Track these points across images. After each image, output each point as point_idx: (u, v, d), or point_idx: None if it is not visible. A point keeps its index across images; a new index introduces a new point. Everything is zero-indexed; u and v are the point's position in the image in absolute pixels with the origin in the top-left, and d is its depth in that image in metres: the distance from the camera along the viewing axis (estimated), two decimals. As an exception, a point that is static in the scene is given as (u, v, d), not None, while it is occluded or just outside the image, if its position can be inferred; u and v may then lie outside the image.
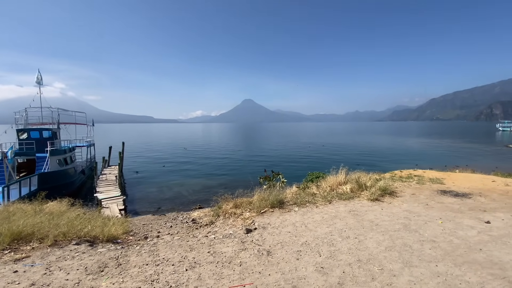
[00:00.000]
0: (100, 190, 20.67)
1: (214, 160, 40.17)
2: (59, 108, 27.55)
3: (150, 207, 20.10)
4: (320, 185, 8.38)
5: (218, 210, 6.73)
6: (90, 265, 3.92)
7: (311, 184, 10.74)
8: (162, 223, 8.90)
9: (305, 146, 58.83)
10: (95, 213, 8.77)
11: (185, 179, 28.34)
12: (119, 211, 16.40)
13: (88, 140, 33.19)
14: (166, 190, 24.56)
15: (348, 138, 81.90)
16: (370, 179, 8.71)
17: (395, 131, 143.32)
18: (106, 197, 18.55)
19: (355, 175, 9.22)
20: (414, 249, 4.41)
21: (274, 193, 6.59)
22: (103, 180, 23.79)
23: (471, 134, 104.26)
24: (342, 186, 7.89)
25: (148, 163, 38.65)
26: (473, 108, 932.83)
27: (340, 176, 8.42)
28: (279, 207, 6.31)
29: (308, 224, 5.33)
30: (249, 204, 6.51)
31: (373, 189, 7.37)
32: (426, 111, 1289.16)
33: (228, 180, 27.53)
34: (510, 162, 35.13)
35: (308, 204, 6.56)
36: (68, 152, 25.24)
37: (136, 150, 54.13)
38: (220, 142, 74.82)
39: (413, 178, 10.04)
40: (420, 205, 6.79)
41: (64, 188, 21.86)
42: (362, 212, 6.12)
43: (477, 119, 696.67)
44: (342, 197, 7.10)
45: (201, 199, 21.76)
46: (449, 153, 45.98)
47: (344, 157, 40.46)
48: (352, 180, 8.20)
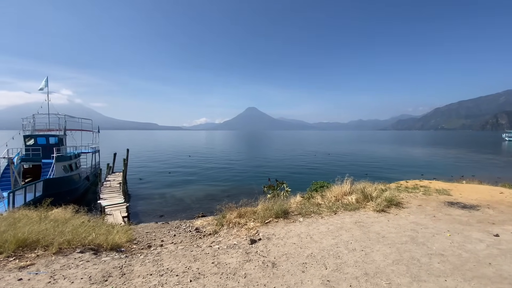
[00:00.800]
0: (103, 196, 20.73)
1: (218, 168, 40.19)
2: (66, 115, 27.96)
3: (153, 214, 20.08)
4: (325, 195, 8.31)
5: (222, 220, 6.69)
6: (94, 274, 3.90)
7: (315, 193, 10.66)
8: (165, 232, 8.86)
9: (310, 154, 58.66)
10: (99, 220, 8.78)
11: (188, 187, 28.33)
12: (122, 218, 16.42)
13: (93, 146, 33.54)
14: (169, 198, 24.56)
15: (352, 147, 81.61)
16: (375, 190, 8.62)
17: (399, 140, 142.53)
18: (109, 204, 18.59)
19: (360, 185, 9.14)
20: (422, 262, 4.31)
21: (278, 203, 6.54)
22: (107, 187, 23.89)
23: (476, 144, 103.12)
24: (347, 197, 7.81)
25: (151, 170, 38.83)
26: (478, 118, 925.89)
27: (345, 186, 8.35)
28: (283, 217, 6.26)
29: (314, 235, 5.26)
30: (253, 213, 6.47)
31: (379, 199, 7.28)
32: (430, 120, 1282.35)
33: (231, 188, 27.46)
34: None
35: (313, 215, 6.49)
36: (73, 159, 25.49)
37: (140, 157, 54.47)
38: (223, 150, 75.00)
39: (419, 188, 9.91)
40: (427, 217, 6.68)
41: (68, 194, 21.97)
42: (368, 224, 6.03)
43: (483, 129, 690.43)
44: (347, 208, 7.02)
45: (203, 207, 21.69)
46: (454, 163, 45.47)
47: (349, 166, 40.26)
48: (358, 190, 8.13)
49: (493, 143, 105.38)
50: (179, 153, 65.15)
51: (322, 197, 8.30)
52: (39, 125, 26.79)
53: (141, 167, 41.02)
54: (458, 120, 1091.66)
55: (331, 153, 60.42)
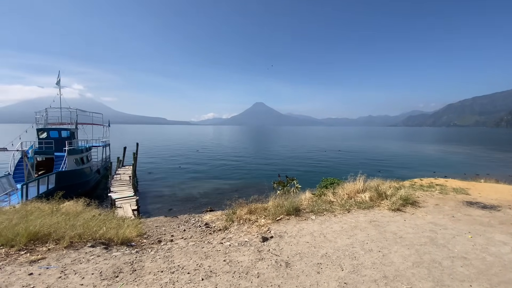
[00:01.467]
0: (114, 190, 21.03)
1: (226, 163, 40.28)
2: (78, 109, 28.37)
3: (162, 207, 20.28)
4: (337, 192, 8.08)
5: (232, 215, 6.57)
6: (105, 270, 3.84)
7: (326, 190, 10.45)
8: (175, 226, 8.83)
9: (319, 150, 58.13)
10: (109, 214, 8.82)
11: (197, 181, 28.50)
12: (132, 211, 16.59)
13: (104, 140, 34.04)
14: (177, 191, 24.76)
15: (362, 144, 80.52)
16: (390, 188, 8.35)
17: (410, 137, 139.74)
18: (119, 197, 18.82)
19: (373, 182, 8.86)
20: (444, 266, 4.09)
21: (289, 200, 6.37)
22: (117, 180, 24.22)
23: (491, 141, 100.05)
24: (360, 194, 7.57)
25: (160, 164, 39.26)
26: (493, 114, 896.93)
27: (358, 183, 8.10)
28: (295, 214, 6.09)
29: (327, 234, 5.08)
30: (264, 210, 6.32)
31: (394, 198, 7.02)
32: (442, 116, 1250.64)
33: (239, 183, 27.46)
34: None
35: (325, 213, 6.30)
36: (84, 152, 25.91)
37: (149, 152, 55.14)
38: (231, 145, 75.15)
39: (435, 187, 9.55)
40: (445, 217, 6.39)
41: (80, 187, 22.40)
42: (384, 223, 5.80)
43: (497, 126, 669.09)
44: (361, 206, 6.79)
45: (212, 201, 21.77)
46: (467, 160, 44.22)
47: (359, 163, 39.73)
48: (371, 188, 7.87)
49: (508, 141, 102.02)
50: (187, 147, 65.65)
51: (334, 194, 8.07)
52: (52, 118, 27.30)
53: (150, 161, 41.53)
54: (472, 117, 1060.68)
55: (341, 150, 59.75)
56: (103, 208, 9.96)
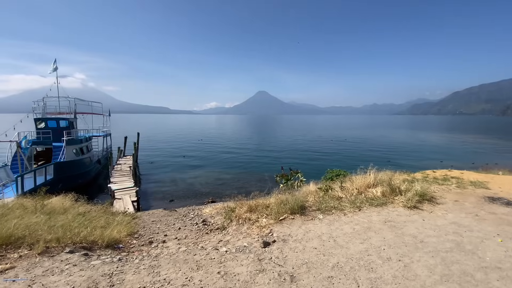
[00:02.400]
0: (114, 180, 20.64)
1: (228, 152, 39.76)
2: (76, 98, 27.74)
3: (163, 198, 19.91)
4: (346, 187, 7.42)
5: (231, 214, 5.97)
6: (78, 284, 3.28)
7: (332, 183, 9.83)
8: (171, 222, 8.31)
9: (323, 140, 57.29)
10: (101, 209, 8.31)
11: (199, 171, 28.08)
12: (132, 203, 16.19)
13: (105, 130, 33.56)
14: (179, 182, 24.37)
15: (368, 133, 79.66)
16: (403, 182, 7.68)
17: (416, 125, 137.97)
18: (119, 188, 18.43)
19: (385, 175, 8.19)
20: (477, 279, 3.45)
21: (294, 197, 5.73)
22: (118, 171, 23.84)
23: (498, 130, 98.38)
24: (371, 189, 6.91)
25: (163, 154, 38.88)
26: (500, 102, 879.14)
27: (369, 177, 7.43)
28: (300, 213, 5.46)
29: (337, 238, 4.46)
30: (266, 208, 5.70)
31: (409, 194, 6.35)
32: (448, 104, 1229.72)
33: (241, 173, 26.97)
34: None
35: (334, 211, 5.67)
36: (84, 142, 25.46)
37: (151, 141, 54.76)
38: (234, 134, 74.53)
39: (451, 180, 8.85)
40: (468, 216, 5.73)
41: (80, 177, 22.06)
42: (400, 223, 5.16)
43: (504, 114, 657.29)
44: (373, 203, 6.14)
45: (213, 191, 21.35)
46: (475, 149, 43.19)
47: (365, 153, 38.95)
48: (383, 182, 7.20)
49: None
50: (190, 137, 65.20)
51: (342, 189, 7.42)
52: (50, 108, 26.75)
53: (152, 150, 41.15)
54: (478, 105, 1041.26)
55: (347, 139, 59.02)
56: (99, 202, 9.47)
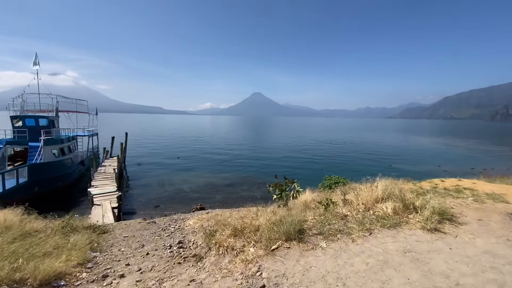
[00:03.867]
0: (95, 184, 19.21)
1: (220, 155, 38.50)
2: (58, 95, 26.18)
3: (148, 204, 18.55)
4: (349, 200, 6.34)
5: (210, 239, 4.81)
6: None
7: (331, 194, 8.79)
8: (145, 238, 7.12)
9: (319, 143, 56.62)
10: (61, 223, 7.04)
11: (189, 174, 26.78)
12: (112, 210, 14.85)
13: (91, 129, 31.95)
14: (167, 185, 23.04)
15: (364, 136, 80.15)
16: (413, 193, 6.64)
17: (409, 129, 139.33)
18: (99, 193, 17.03)
19: (391, 184, 7.15)
20: None
21: (290, 218, 4.59)
22: (101, 173, 22.38)
23: (489, 135, 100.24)
24: (380, 205, 5.84)
25: (153, 155, 37.37)
26: (488, 108, 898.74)
27: (376, 189, 6.36)
28: (297, 239, 4.32)
29: (348, 280, 3.34)
30: (255, 232, 4.56)
31: (426, 211, 5.29)
32: (439, 109, 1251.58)
33: (233, 177, 25.75)
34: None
35: (339, 235, 4.55)
36: (66, 142, 23.90)
37: (142, 141, 53.10)
38: (228, 136, 73.21)
39: (464, 192, 7.86)
40: (500, 241, 4.70)
41: (59, 180, 20.56)
42: (423, 254, 4.08)
43: (492, 119, 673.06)
44: (385, 223, 5.06)
45: (203, 197, 20.10)
46: (471, 154, 43.09)
47: (363, 157, 38.25)
48: (393, 195, 6.14)
49: (509, 135, 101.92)
50: (183, 138, 63.73)
51: (345, 203, 6.34)
52: (30, 105, 25.21)
53: (143, 152, 39.58)
54: (468, 110, 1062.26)
55: (345, 141, 59.05)
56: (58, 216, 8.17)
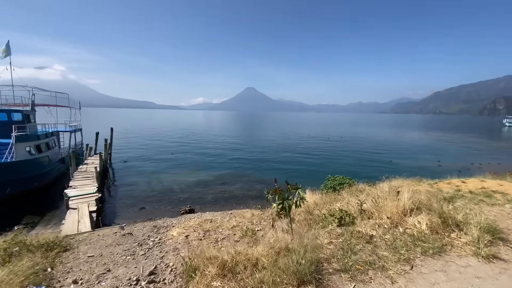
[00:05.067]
0: (74, 184, 17.50)
1: (214, 151, 36.90)
2: (35, 87, 24.10)
3: (133, 205, 16.94)
4: (369, 211, 5.06)
5: (191, 278, 3.43)
6: None
7: (335, 196, 7.53)
8: (116, 259, 5.70)
9: (319, 138, 55.64)
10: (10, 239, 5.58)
11: (179, 172, 25.23)
12: (89, 214, 13.27)
13: (74, 124, 29.90)
14: (155, 184, 21.47)
15: (360, 130, 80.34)
16: (448, 204, 5.41)
17: (402, 124, 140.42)
18: (77, 195, 15.38)
19: (404, 185, 5.93)
20: None
21: (302, 250, 3.22)
22: (82, 172, 20.63)
23: (480, 129, 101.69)
24: (411, 219, 4.58)
25: (141, 151, 35.44)
26: (476, 103, 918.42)
27: (402, 196, 5.09)
28: (315, 282, 3.00)
29: None
30: (252, 269, 3.21)
31: (473, 229, 4.07)
32: (429, 104, 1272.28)
33: (226, 175, 24.30)
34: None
35: (370, 272, 3.27)
36: (43, 138, 21.98)
37: (131, 137, 50.93)
38: (221, 132, 71.44)
39: (495, 196, 6.71)
40: None
41: (35, 180, 18.74)
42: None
43: (480, 114, 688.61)
44: (425, 249, 3.79)
45: (193, 197, 18.62)
46: (466, 149, 42.77)
47: (365, 152, 37.43)
48: (423, 205, 4.89)
49: (496, 129, 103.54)
50: (174, 133, 61.78)
51: (362, 214, 5.06)
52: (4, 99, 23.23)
53: (131, 148, 37.59)
54: (457, 105, 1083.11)
55: (343, 137, 58.47)
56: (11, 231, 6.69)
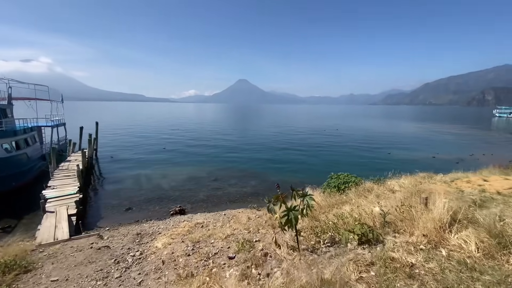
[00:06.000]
0: (53, 184, 16.12)
1: (206, 145, 35.62)
2: (12, 79, 22.30)
3: (118, 206, 15.67)
4: (392, 223, 4.08)
5: None
6: None
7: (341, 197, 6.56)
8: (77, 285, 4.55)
9: (315, 131, 54.94)
10: None
11: (169, 168, 23.97)
12: (68, 218, 12.04)
13: (57, 119, 28.13)
14: (144, 182, 20.20)
15: (354, 122, 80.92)
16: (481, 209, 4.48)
17: (395, 115, 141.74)
18: (55, 196, 14.08)
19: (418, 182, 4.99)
20: None
21: None
22: (63, 170, 19.18)
23: (470, 120, 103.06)
24: (451, 236, 3.63)
25: (130, 147, 33.85)
26: (465, 94, 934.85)
27: (435, 205, 4.12)
28: None
29: None
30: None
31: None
32: (419, 95, 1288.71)
33: (219, 171, 23.16)
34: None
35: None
36: (21, 134, 20.36)
37: (119, 132, 48.96)
38: (213, 125, 69.85)
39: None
40: None
41: (12, 179, 17.29)
42: None
43: (469, 105, 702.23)
44: (486, 284, 2.85)
45: (184, 195, 17.46)
46: (459, 141, 42.87)
47: (362, 143, 36.98)
48: (463, 216, 3.94)
49: (487, 119, 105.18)
50: (165, 127, 59.99)
51: (386, 227, 4.08)
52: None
53: (118, 143, 35.88)
54: (446, 96, 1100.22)
55: (338, 129, 58.29)
56: None
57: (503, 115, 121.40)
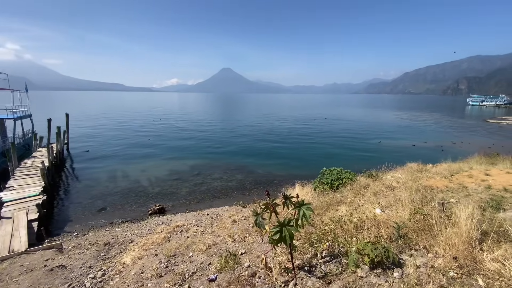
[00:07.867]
0: (13, 184, 14.32)
1: (188, 137, 34.06)
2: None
3: (90, 206, 14.18)
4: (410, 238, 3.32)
5: None
6: None
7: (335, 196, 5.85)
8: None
9: (303, 120, 54.51)
10: None
11: (149, 161, 22.47)
12: (28, 224, 10.60)
13: (21, 110, 25.47)
14: (120, 178, 18.68)
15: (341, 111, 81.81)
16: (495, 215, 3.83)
17: (378, 104, 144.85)
18: (14, 199, 12.46)
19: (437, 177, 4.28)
20: None
21: None
22: (26, 168, 17.25)
23: (446, 108, 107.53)
24: (484, 256, 2.91)
25: (106, 140, 31.64)
26: (442, 83, 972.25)
27: (460, 215, 3.39)
28: None
29: None
30: None
31: None
32: (399, 84, 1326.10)
33: (202, 164, 21.99)
34: (502, 138, 33.72)
35: None
36: (-25, 128, 18.07)
37: (95, 123, 45.98)
38: (196, 115, 67.60)
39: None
40: None
41: (-35, 178, 15.31)
42: None
43: (444, 94, 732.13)
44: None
45: (164, 191, 16.22)
46: (437, 128, 44.26)
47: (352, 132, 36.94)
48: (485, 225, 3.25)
49: (460, 108, 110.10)
50: (145, 117, 57.35)
51: (400, 242, 3.32)
52: None
53: (92, 136, 33.47)
54: (424, 85, 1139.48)
55: (327, 118, 58.41)
56: None
57: (476, 103, 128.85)
